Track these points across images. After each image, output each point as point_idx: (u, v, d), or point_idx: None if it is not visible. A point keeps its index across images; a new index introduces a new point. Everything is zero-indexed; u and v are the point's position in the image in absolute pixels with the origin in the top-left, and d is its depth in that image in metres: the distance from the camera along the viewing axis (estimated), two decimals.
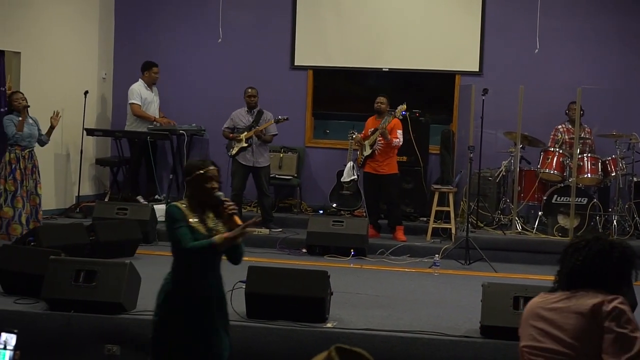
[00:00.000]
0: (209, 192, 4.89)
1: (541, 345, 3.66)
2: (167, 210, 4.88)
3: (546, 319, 3.69)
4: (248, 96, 11.50)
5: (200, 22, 13.10)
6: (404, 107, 11.11)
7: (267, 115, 11.49)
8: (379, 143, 11.07)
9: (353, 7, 12.79)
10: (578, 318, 3.58)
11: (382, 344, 6.59)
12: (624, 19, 12.33)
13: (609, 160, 11.08)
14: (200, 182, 4.89)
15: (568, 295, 3.70)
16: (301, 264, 9.49)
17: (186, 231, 4.78)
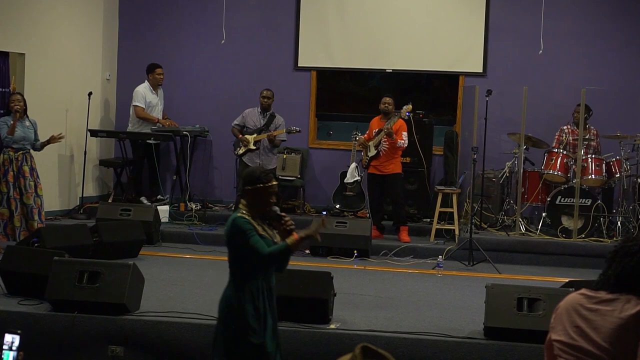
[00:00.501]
0: (268, 207, 4.91)
1: (574, 343, 3.57)
2: (234, 223, 4.84)
3: (585, 317, 3.59)
4: (263, 97, 11.51)
5: (203, 23, 13.10)
6: (410, 108, 11.10)
7: (278, 119, 11.51)
8: (383, 144, 11.05)
9: (357, 8, 12.78)
10: (618, 323, 3.48)
11: (385, 346, 6.58)
12: (629, 21, 12.31)
13: (613, 162, 11.06)
14: (262, 195, 4.89)
15: (612, 298, 3.58)
16: (304, 265, 9.48)
17: (259, 239, 4.80)
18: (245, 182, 4.96)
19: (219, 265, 9.64)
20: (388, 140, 10.99)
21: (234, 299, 4.86)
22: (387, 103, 11.22)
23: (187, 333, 6.82)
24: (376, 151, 11.10)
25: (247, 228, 4.79)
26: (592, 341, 3.51)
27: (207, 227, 11.47)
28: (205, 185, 12.98)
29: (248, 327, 4.82)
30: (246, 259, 4.83)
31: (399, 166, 11.23)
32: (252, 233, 4.78)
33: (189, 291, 8.17)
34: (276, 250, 4.81)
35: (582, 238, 10.73)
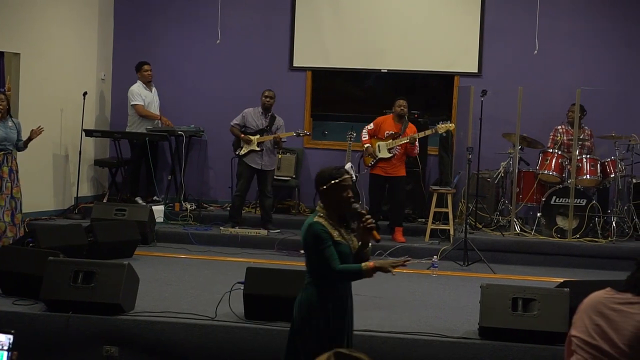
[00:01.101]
0: (347, 203, 4.83)
1: (593, 342, 3.56)
2: (310, 229, 4.80)
3: (607, 317, 3.57)
4: (266, 97, 11.45)
5: (199, 23, 13.09)
6: (453, 127, 11.21)
7: (279, 120, 11.48)
8: (397, 148, 11.05)
9: (352, 8, 12.79)
10: (639, 326, 3.47)
11: (380, 345, 6.58)
12: (624, 21, 12.33)
13: (608, 162, 11.07)
14: (337, 192, 4.83)
15: (637, 300, 3.56)
16: (299, 265, 9.47)
17: (333, 251, 4.73)
18: (319, 183, 4.93)
19: (214, 265, 9.70)
20: (404, 145, 10.99)
21: (316, 300, 4.82)
22: (402, 106, 11.20)
23: (182, 333, 6.82)
24: (390, 155, 11.08)
25: (323, 237, 4.73)
26: (611, 342, 3.49)
27: (202, 227, 11.47)
28: (200, 186, 12.97)
29: (330, 328, 4.81)
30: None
31: (404, 169, 11.24)
32: (327, 243, 4.72)
33: (183, 291, 8.17)
34: (347, 270, 4.76)
35: (577, 238, 10.74)
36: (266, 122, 11.42)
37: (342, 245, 4.79)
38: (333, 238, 4.76)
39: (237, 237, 11.03)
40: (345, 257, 4.80)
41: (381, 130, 11.25)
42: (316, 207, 4.93)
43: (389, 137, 11.12)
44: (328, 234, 4.74)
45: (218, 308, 7.00)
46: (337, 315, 4.85)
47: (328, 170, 4.95)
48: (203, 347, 6.77)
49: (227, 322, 6.88)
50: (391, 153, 11.08)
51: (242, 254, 10.39)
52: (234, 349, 6.75)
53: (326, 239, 4.72)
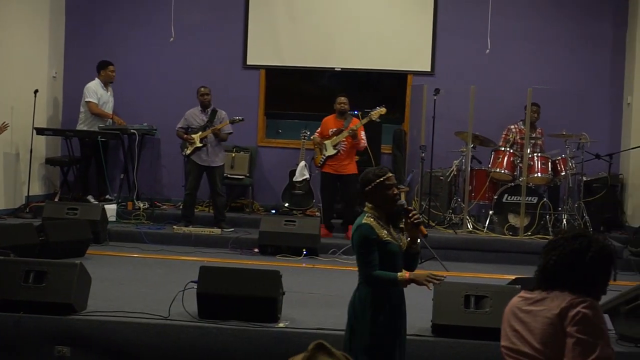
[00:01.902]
0: (393, 200, 4.85)
1: (515, 347, 3.59)
2: (358, 230, 4.80)
3: (521, 320, 3.61)
4: (201, 95, 11.44)
5: (152, 21, 13.02)
6: (384, 111, 11.08)
7: (221, 113, 11.45)
8: (342, 144, 11.07)
9: (306, 7, 12.80)
10: (546, 322, 3.49)
11: (334, 344, 6.49)
12: (573, 22, 12.51)
13: (559, 160, 11.20)
14: (383, 190, 4.85)
15: (543, 297, 3.58)
16: (253, 263, 9.48)
17: (374, 257, 4.75)
18: (363, 184, 4.95)
19: (167, 264, 9.65)
20: (348, 140, 11.01)
21: (370, 298, 4.84)
22: (342, 102, 11.23)
23: (135, 333, 6.77)
24: (335, 151, 11.10)
25: (367, 241, 4.75)
26: (528, 343, 3.54)
27: (155, 226, 11.40)
28: (154, 184, 12.91)
29: (386, 325, 4.85)
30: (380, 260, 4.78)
31: (355, 166, 11.26)
32: (369, 249, 4.75)
33: (136, 291, 8.11)
34: (384, 277, 4.77)
35: (528, 235, 10.86)
36: (207, 118, 11.39)
37: (391, 244, 4.81)
38: (382, 238, 4.79)
39: (191, 236, 10.99)
40: (394, 255, 4.84)
41: (326, 130, 11.29)
42: (364, 208, 4.96)
43: (333, 135, 11.14)
44: (374, 238, 4.77)
45: (171, 307, 6.95)
46: (392, 312, 4.90)
47: (371, 170, 5.02)
48: (156, 347, 6.73)
49: (181, 321, 6.84)
50: (336, 149, 11.10)
51: (196, 253, 10.35)
52: (188, 348, 6.72)
53: (370, 244, 4.76)
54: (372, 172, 4.96)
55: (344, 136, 11.00)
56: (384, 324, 4.85)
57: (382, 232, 4.80)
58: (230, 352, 6.69)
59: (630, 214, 12.16)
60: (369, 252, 4.75)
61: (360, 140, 11.02)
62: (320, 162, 11.25)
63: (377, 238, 4.77)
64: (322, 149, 11.21)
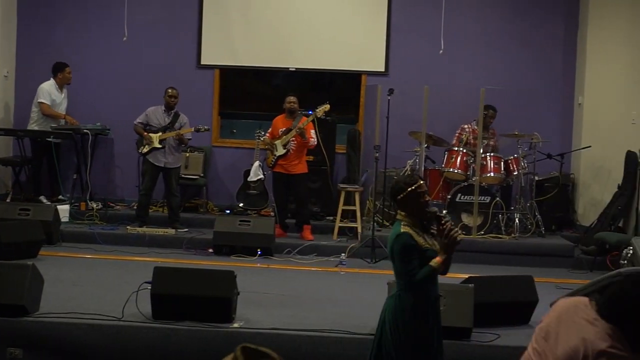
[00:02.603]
0: (425, 208, 4.88)
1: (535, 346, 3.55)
2: (398, 239, 4.84)
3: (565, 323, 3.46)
4: (169, 96, 11.35)
5: (104, 19, 12.90)
6: (328, 107, 11.11)
7: (183, 118, 11.40)
8: (292, 143, 11.09)
9: (260, 6, 12.78)
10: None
11: (288, 344, 6.60)
12: (525, 22, 12.64)
13: (511, 160, 11.30)
14: (415, 199, 4.88)
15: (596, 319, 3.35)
16: (208, 264, 9.46)
17: (416, 264, 4.80)
18: (395, 193, 4.98)
19: (121, 265, 9.60)
20: (298, 139, 11.03)
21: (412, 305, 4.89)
22: (292, 102, 11.25)
23: (88, 334, 6.73)
24: (285, 150, 11.11)
25: (409, 250, 4.81)
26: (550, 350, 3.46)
27: (109, 227, 11.32)
28: (107, 184, 12.81)
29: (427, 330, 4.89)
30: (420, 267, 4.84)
31: (305, 166, 11.28)
32: (412, 256, 4.80)
33: (90, 292, 8.06)
34: (423, 275, 4.81)
35: (482, 235, 10.94)
36: (169, 120, 11.34)
37: (429, 251, 4.86)
38: (421, 246, 4.84)
39: (145, 236, 10.93)
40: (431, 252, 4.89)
41: (276, 130, 11.31)
42: (397, 217, 5.01)
43: (282, 134, 11.16)
44: (415, 245, 4.82)
45: (125, 308, 6.92)
46: (432, 317, 4.95)
47: (402, 178, 5.07)
48: (110, 348, 6.70)
49: (134, 322, 6.81)
50: (286, 148, 11.12)
51: (150, 254, 10.29)
52: (142, 349, 6.69)
53: (412, 251, 4.81)
54: (402, 181, 5.00)
55: (292, 135, 11.02)
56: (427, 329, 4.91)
57: (420, 240, 4.86)
58: (184, 352, 6.68)
59: (581, 213, 12.32)
60: (411, 260, 4.81)
61: (310, 138, 11.04)
62: (271, 162, 11.26)
63: (417, 245, 4.83)
64: (272, 150, 11.22)
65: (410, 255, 4.82)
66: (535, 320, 7.51)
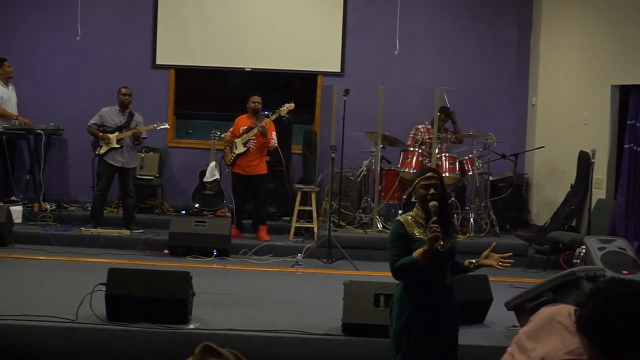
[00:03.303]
0: (424, 199, 4.91)
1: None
2: (392, 225, 5.01)
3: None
4: (122, 95, 11.25)
5: (58, 18, 12.77)
6: (292, 106, 11.11)
7: (138, 117, 11.32)
8: (252, 142, 11.06)
9: (216, 6, 12.73)
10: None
11: (244, 344, 6.59)
12: (479, 23, 12.73)
13: (466, 160, 11.38)
14: (418, 189, 4.95)
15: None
16: (163, 265, 9.41)
17: (396, 252, 4.85)
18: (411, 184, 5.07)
19: (75, 267, 9.51)
20: (258, 138, 11.00)
21: (401, 294, 4.97)
22: (256, 102, 11.23)
23: (42, 336, 6.66)
24: (245, 148, 11.08)
25: (393, 237, 4.91)
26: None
27: (63, 228, 11.21)
28: (61, 185, 12.68)
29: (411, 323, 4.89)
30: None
31: (264, 167, 11.27)
32: (395, 244, 4.87)
33: (43, 294, 7.98)
34: (404, 265, 4.82)
35: None
36: (124, 119, 11.24)
37: (419, 242, 4.84)
38: (412, 235, 4.87)
39: (99, 237, 10.84)
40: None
41: (237, 129, 11.28)
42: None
43: (244, 133, 11.14)
44: (402, 234, 4.87)
45: (79, 310, 6.86)
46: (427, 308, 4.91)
47: (418, 171, 5.17)
48: (64, 350, 6.64)
49: (89, 324, 6.76)
50: (247, 147, 11.09)
51: (104, 255, 10.21)
52: (96, 351, 6.64)
53: (397, 239, 4.87)
54: (416, 173, 5.10)
55: (253, 133, 11.00)
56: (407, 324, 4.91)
57: (414, 230, 4.89)
58: (140, 354, 6.64)
59: (535, 212, 12.44)
60: (394, 247, 4.88)
61: (271, 139, 11.03)
62: (230, 160, 11.23)
63: (406, 234, 4.87)
64: (232, 147, 11.19)
65: (395, 242, 4.89)
66: (490, 319, 7.59)
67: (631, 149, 10.19)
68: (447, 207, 5.11)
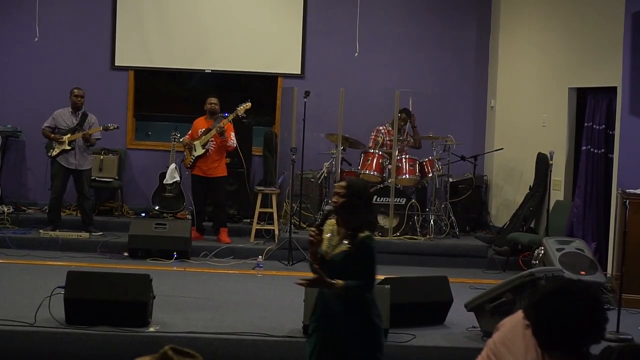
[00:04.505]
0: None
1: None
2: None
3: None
4: (75, 96, 11.17)
5: (15, 19, 12.63)
6: (249, 106, 11.07)
7: (91, 118, 11.23)
8: (211, 143, 11.02)
9: (175, 8, 12.68)
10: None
11: (205, 347, 6.57)
12: (438, 26, 12.79)
13: (426, 162, 11.44)
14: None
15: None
16: (123, 267, 9.35)
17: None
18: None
19: (33, 270, 9.43)
20: (217, 139, 10.97)
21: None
22: (213, 103, 11.19)
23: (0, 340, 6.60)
24: (204, 150, 11.04)
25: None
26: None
27: (21, 231, 11.10)
28: (18, 187, 12.54)
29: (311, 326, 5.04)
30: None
31: (224, 169, 11.23)
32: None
33: (1, 297, 7.90)
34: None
35: (397, 236, 11.04)
36: (77, 121, 11.15)
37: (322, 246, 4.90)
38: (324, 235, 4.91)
39: (58, 240, 10.74)
40: (321, 257, 4.93)
41: (196, 131, 11.24)
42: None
43: (202, 134, 11.10)
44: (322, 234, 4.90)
45: (38, 313, 6.81)
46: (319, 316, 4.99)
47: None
48: (22, 354, 6.59)
49: (48, 327, 6.71)
50: (205, 148, 11.05)
51: (63, 258, 10.12)
52: (55, 355, 6.59)
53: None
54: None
55: (212, 135, 10.97)
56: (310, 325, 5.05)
57: (327, 232, 4.93)
58: (99, 358, 6.60)
59: (495, 214, 12.53)
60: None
61: (229, 138, 10.99)
62: (189, 163, 11.18)
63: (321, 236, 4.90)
64: (191, 150, 11.15)
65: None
66: (450, 320, 7.64)
67: (588, 150, 10.30)
68: (352, 217, 4.89)
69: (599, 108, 10.22)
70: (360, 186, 5.04)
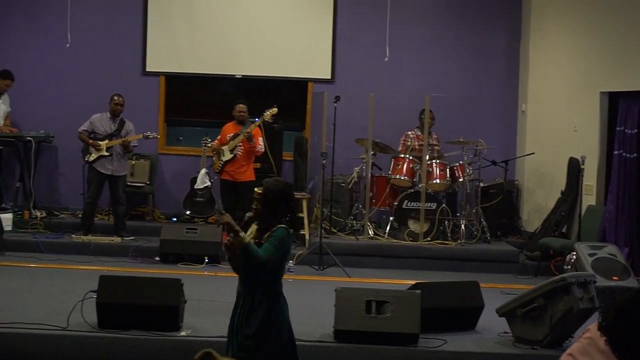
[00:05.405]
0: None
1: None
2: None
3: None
4: (115, 104, 11.24)
5: (47, 25, 12.73)
6: (275, 111, 11.11)
7: (129, 125, 11.31)
8: (239, 148, 11.07)
9: (205, 13, 12.74)
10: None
11: None
12: (470, 31, 12.75)
13: (457, 166, 11.39)
14: None
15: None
16: (154, 272, 9.38)
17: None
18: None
19: (66, 274, 9.49)
20: (245, 144, 11.01)
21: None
22: (241, 111, 11.25)
23: (33, 344, 6.65)
24: (232, 155, 11.08)
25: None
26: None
27: (53, 235, 11.18)
28: (51, 192, 12.65)
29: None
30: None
31: (253, 173, 11.27)
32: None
33: (34, 301, 7.96)
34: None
35: (428, 241, 11.00)
36: (115, 127, 11.23)
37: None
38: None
39: (90, 244, 10.81)
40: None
41: (224, 137, 11.30)
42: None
43: (230, 140, 11.15)
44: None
45: (70, 318, 6.85)
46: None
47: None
48: (55, 358, 6.62)
49: (80, 331, 6.75)
50: (233, 153, 11.10)
51: (95, 262, 10.18)
52: (87, 358, 6.62)
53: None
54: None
55: (239, 140, 11.01)
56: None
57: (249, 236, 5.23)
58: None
59: (526, 219, 12.47)
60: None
61: (257, 144, 11.03)
62: (218, 167, 11.23)
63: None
64: (220, 155, 11.20)
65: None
66: (481, 326, 7.59)
67: (620, 155, 10.21)
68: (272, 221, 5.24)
69: (631, 112, 10.14)
70: (277, 189, 5.18)
